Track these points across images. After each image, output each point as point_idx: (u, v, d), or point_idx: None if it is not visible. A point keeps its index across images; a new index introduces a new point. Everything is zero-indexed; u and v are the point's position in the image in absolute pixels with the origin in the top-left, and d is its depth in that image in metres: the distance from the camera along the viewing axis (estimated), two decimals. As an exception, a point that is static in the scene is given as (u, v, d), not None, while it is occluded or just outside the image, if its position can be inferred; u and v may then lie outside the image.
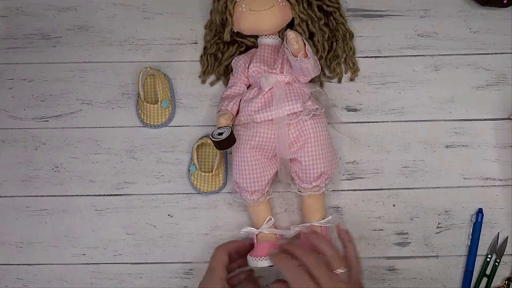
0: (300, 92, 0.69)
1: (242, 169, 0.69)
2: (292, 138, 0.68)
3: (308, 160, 0.68)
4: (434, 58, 0.80)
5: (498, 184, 0.76)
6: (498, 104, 0.78)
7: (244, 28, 0.72)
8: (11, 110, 0.79)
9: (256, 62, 0.71)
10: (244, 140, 0.69)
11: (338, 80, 0.79)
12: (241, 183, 0.69)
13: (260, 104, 0.69)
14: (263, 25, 0.71)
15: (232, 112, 0.70)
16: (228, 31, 0.74)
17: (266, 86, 0.68)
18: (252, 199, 0.69)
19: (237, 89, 0.73)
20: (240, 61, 0.74)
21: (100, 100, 0.79)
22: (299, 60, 0.65)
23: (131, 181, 0.77)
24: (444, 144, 0.77)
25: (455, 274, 0.74)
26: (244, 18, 0.71)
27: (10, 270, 0.75)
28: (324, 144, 0.69)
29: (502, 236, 0.75)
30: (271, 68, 0.70)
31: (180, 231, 0.76)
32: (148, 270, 0.75)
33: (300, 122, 0.68)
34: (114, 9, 0.83)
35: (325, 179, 0.69)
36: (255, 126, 0.68)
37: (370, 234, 0.75)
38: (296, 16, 0.74)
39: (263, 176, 0.69)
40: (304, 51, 0.65)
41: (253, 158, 0.68)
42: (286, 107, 0.67)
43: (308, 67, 0.67)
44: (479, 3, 0.80)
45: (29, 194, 0.77)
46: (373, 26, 0.81)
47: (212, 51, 0.78)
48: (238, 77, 0.74)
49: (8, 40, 0.82)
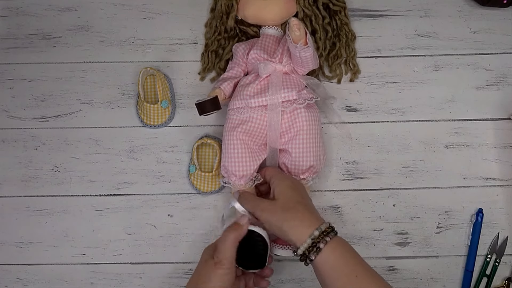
0: (297, 82, 0.70)
1: (231, 152, 0.69)
2: (284, 128, 0.69)
3: (299, 151, 0.68)
4: (434, 58, 0.80)
5: (498, 184, 0.76)
6: (498, 104, 0.78)
7: (249, 15, 0.73)
8: (11, 110, 0.79)
9: (257, 49, 0.72)
10: (235, 124, 0.69)
11: (338, 81, 0.79)
12: (229, 167, 0.69)
13: (256, 90, 0.69)
14: (267, 13, 0.72)
15: (224, 91, 0.71)
16: (232, 17, 0.75)
17: (263, 73, 0.69)
18: (240, 184, 0.69)
19: (234, 73, 0.74)
20: (240, 47, 0.75)
21: (100, 100, 0.79)
22: (299, 47, 0.66)
23: (131, 181, 0.77)
24: (444, 144, 0.77)
25: (455, 274, 0.74)
26: (250, 6, 0.72)
27: (10, 270, 0.75)
28: (316, 138, 0.69)
29: (502, 236, 0.75)
30: (270, 56, 0.71)
31: (180, 231, 0.76)
32: (148, 270, 0.75)
33: (294, 112, 0.68)
34: (114, 9, 0.83)
35: (313, 173, 0.69)
36: (248, 111, 0.69)
37: (370, 234, 0.75)
38: (300, 10, 0.74)
39: (252, 161, 0.69)
40: (305, 39, 0.66)
41: (243, 142, 0.69)
42: (281, 94, 0.68)
43: (307, 56, 0.68)
44: (479, 3, 0.80)
45: (29, 194, 0.77)
46: (373, 26, 0.81)
47: (214, 48, 0.78)
48: (237, 62, 0.75)
49: (8, 40, 0.82)
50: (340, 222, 0.75)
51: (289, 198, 0.62)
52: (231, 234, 0.60)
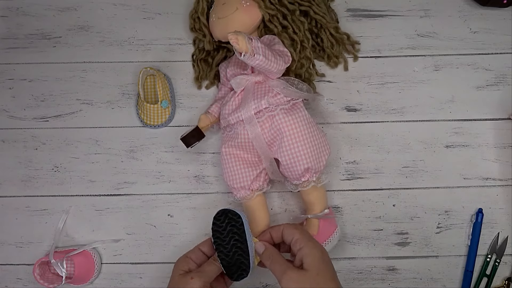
0: (267, 89, 0.69)
1: (224, 167, 0.71)
2: (270, 137, 0.68)
3: (288, 158, 0.67)
4: (434, 58, 0.80)
5: (498, 184, 0.76)
6: (498, 104, 0.78)
7: (219, 36, 0.75)
8: (11, 110, 0.79)
9: (232, 66, 0.73)
10: (224, 141, 0.71)
11: (345, 68, 0.79)
12: (227, 181, 0.70)
13: (234, 106, 0.70)
14: (231, 29, 0.69)
15: (212, 113, 0.74)
16: (207, 41, 0.77)
17: (237, 88, 0.70)
18: (240, 196, 0.70)
19: (222, 93, 0.77)
20: (222, 67, 0.77)
21: (100, 100, 0.79)
22: (245, 58, 0.65)
23: (131, 181, 0.77)
24: (444, 144, 0.77)
25: (455, 274, 0.74)
26: (215, 27, 0.74)
27: (10, 270, 0.75)
28: (305, 139, 0.67)
29: (502, 236, 0.75)
30: (243, 69, 0.72)
31: (180, 231, 0.76)
32: (148, 270, 0.75)
33: (273, 119, 0.68)
34: (114, 9, 0.83)
35: (312, 174, 0.68)
36: (232, 128, 0.70)
37: (370, 234, 0.75)
38: (264, 13, 0.74)
39: (247, 172, 0.69)
40: (246, 49, 0.63)
41: (232, 156, 0.70)
42: (252, 105, 0.68)
43: (260, 64, 0.66)
44: (479, 3, 0.80)
45: (29, 194, 0.77)
46: (373, 26, 0.81)
47: (202, 56, 0.79)
48: (223, 82, 0.77)
49: (8, 40, 0.82)
50: (340, 222, 0.75)
51: (322, 274, 0.57)
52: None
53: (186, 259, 0.61)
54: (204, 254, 0.63)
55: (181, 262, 0.61)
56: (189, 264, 0.61)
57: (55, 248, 0.73)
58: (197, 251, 0.63)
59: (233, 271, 0.61)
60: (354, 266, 0.74)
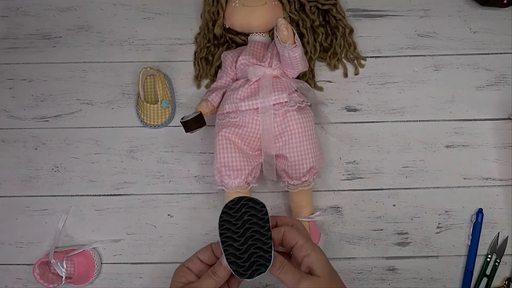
0: (287, 85, 0.70)
1: (220, 152, 0.68)
2: (278, 132, 0.69)
3: (296, 155, 0.68)
4: (434, 58, 0.80)
5: (498, 184, 0.76)
6: (498, 104, 0.78)
7: (236, 23, 0.74)
8: (11, 110, 0.79)
9: (245, 55, 0.72)
10: (223, 126, 0.69)
11: (344, 74, 0.79)
12: (221, 168, 0.68)
13: (246, 93, 0.69)
14: (254, 20, 0.72)
15: (212, 102, 0.72)
16: (219, 24, 0.75)
17: (253, 76, 0.69)
18: (233, 185, 0.68)
19: (223, 82, 0.75)
20: (228, 55, 0.75)
21: (100, 100, 0.79)
22: (287, 47, 0.66)
23: (131, 181, 0.77)
24: (444, 144, 0.77)
25: (455, 274, 0.74)
26: (236, 13, 0.73)
27: (10, 270, 0.75)
28: (311, 139, 0.69)
29: (502, 236, 0.75)
30: (260, 61, 0.71)
31: (180, 231, 0.76)
32: (148, 270, 0.75)
33: (286, 115, 0.68)
34: (114, 9, 0.83)
35: (313, 174, 0.69)
36: (239, 115, 0.69)
37: (370, 234, 0.75)
38: (286, 16, 0.75)
39: (245, 162, 0.68)
40: (293, 39, 0.66)
41: (231, 142, 0.68)
42: (272, 96, 0.68)
43: (296, 56, 0.68)
44: (479, 3, 0.80)
45: (29, 194, 0.77)
46: (373, 26, 0.81)
47: (203, 54, 0.79)
48: (225, 71, 0.75)
49: (8, 40, 0.82)
50: (340, 222, 0.75)
51: (333, 278, 0.56)
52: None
53: (183, 269, 0.57)
54: (203, 263, 0.57)
55: (178, 273, 0.57)
56: (187, 275, 0.56)
57: (55, 248, 0.73)
58: (196, 260, 0.58)
59: (245, 267, 0.52)
60: (354, 266, 0.74)
